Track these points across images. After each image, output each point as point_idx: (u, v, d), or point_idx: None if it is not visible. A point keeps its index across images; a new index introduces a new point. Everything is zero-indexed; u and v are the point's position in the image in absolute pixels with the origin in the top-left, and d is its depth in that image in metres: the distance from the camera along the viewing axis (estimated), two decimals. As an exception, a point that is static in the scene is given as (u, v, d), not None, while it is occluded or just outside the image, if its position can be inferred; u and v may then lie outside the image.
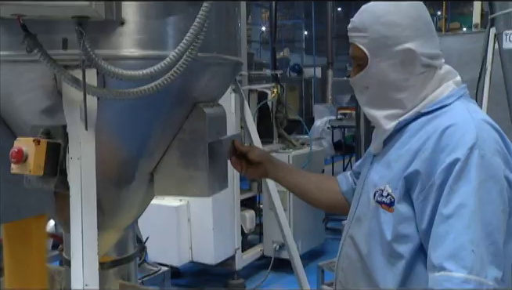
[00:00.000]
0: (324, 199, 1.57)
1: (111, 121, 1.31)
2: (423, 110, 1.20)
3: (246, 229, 4.64)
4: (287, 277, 4.62)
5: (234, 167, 1.67)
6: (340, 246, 1.34)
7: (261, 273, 4.75)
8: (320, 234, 5.21)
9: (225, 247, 4.28)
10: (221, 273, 4.63)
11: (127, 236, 1.65)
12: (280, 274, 4.69)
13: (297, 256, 2.21)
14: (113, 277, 1.58)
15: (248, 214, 4.69)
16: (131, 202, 1.56)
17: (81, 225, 1.09)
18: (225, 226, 4.26)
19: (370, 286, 1.20)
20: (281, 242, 4.56)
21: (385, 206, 1.17)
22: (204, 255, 4.01)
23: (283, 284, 4.56)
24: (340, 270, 1.31)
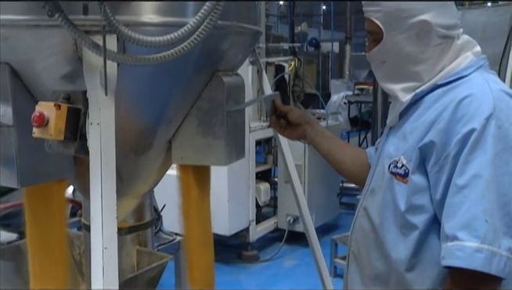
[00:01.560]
0: (355, 171, 1.57)
1: (130, 89, 1.31)
2: (440, 81, 1.18)
3: (260, 201, 4.67)
4: (300, 249, 4.67)
5: (273, 127, 1.68)
6: (354, 218, 1.34)
7: (274, 245, 4.80)
8: (334, 208, 5.23)
9: (239, 219, 4.32)
10: (235, 245, 4.68)
11: (144, 203, 1.67)
12: (293, 247, 4.74)
13: (311, 229, 2.21)
14: (130, 242, 1.61)
15: (263, 187, 4.71)
16: (149, 170, 1.57)
17: (100, 189, 1.10)
18: (240, 198, 4.29)
19: (382, 257, 1.21)
20: (295, 215, 4.60)
21: (399, 177, 1.17)
22: (219, 227, 4.05)
23: (296, 256, 4.61)
24: (353, 240, 1.32)
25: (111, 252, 1.11)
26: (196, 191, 1.58)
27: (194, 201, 1.59)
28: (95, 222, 1.11)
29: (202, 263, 1.69)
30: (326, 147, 1.60)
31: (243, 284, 4.09)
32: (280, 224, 4.81)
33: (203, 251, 1.68)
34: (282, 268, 4.41)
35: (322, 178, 4.86)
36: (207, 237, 1.68)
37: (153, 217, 1.75)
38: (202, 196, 1.61)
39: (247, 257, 4.52)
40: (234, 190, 4.20)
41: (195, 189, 1.58)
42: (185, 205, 1.61)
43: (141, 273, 1.47)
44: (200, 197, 1.61)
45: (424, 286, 1.15)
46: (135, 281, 1.45)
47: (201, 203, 1.62)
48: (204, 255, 1.69)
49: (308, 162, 4.65)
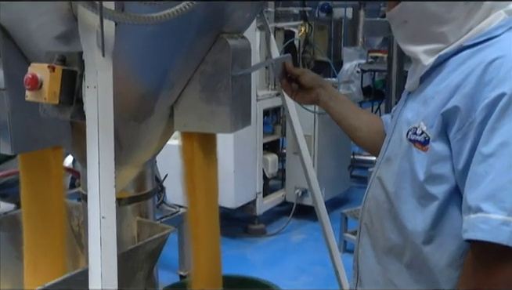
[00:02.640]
0: (369, 139, 1.54)
1: (130, 50, 1.29)
2: (467, 42, 1.13)
3: (268, 173, 4.67)
4: (309, 223, 4.69)
5: (284, 90, 1.65)
6: (367, 188, 1.32)
7: (282, 219, 4.82)
8: (345, 182, 5.23)
9: (246, 191, 4.33)
10: (242, 218, 4.71)
11: (145, 173, 1.66)
12: (302, 221, 4.76)
13: (321, 202, 2.21)
14: (130, 213, 1.61)
15: (271, 158, 4.70)
16: (150, 137, 1.56)
17: (97, 155, 1.09)
18: (246, 170, 4.29)
19: (397, 228, 1.19)
20: (303, 188, 4.60)
21: (419, 145, 1.14)
22: (224, 199, 4.06)
23: (304, 230, 4.63)
24: (365, 212, 1.30)
25: (109, 222, 1.10)
26: (200, 160, 1.56)
27: (199, 170, 1.58)
28: (92, 190, 1.10)
29: (207, 237, 1.69)
30: (339, 112, 1.57)
31: (249, 258, 4.12)
32: (288, 197, 4.82)
33: (209, 224, 1.67)
34: (289, 242, 4.44)
35: (332, 149, 4.84)
36: (212, 210, 1.68)
37: (155, 187, 1.74)
38: (207, 165, 1.60)
39: (254, 231, 4.55)
40: (240, 161, 4.19)
41: (199, 158, 1.56)
42: (189, 175, 1.60)
43: (141, 245, 1.47)
44: (206, 166, 1.59)
45: (442, 260, 1.13)
46: (135, 253, 1.45)
47: (207, 173, 1.61)
48: (209, 228, 1.68)
49: (317, 133, 4.63)
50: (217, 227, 1.69)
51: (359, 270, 1.32)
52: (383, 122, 1.53)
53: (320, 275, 3.74)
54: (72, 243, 1.81)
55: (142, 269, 1.53)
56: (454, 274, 1.12)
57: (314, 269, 3.86)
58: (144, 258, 1.50)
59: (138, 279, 1.53)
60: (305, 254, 4.16)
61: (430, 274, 1.15)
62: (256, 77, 4.29)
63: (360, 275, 1.31)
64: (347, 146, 5.16)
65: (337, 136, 4.66)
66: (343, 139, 4.83)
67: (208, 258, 1.72)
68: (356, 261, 1.33)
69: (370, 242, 1.28)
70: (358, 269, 1.32)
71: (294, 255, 4.18)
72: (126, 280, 1.46)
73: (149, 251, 1.51)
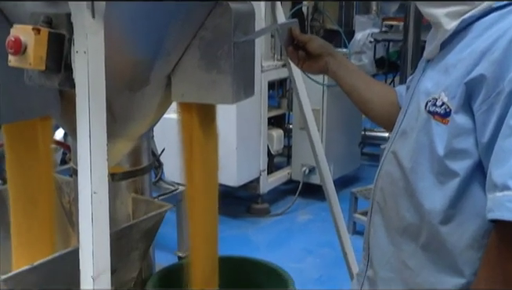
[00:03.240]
0: (382, 111, 1.52)
1: (122, 13, 1.27)
2: (496, 3, 1.10)
3: (273, 150, 4.66)
4: (316, 203, 4.69)
5: (290, 58, 1.63)
6: (380, 164, 1.30)
7: (287, 198, 4.83)
8: (355, 159, 5.21)
9: (249, 168, 4.33)
10: (244, 197, 4.71)
11: (140, 147, 1.66)
12: (308, 200, 4.76)
13: (329, 181, 2.20)
14: (125, 190, 1.61)
15: (276, 133, 4.69)
16: (146, 108, 1.55)
17: (88, 125, 1.07)
18: (249, 146, 4.28)
19: (413, 207, 1.17)
20: (311, 166, 4.59)
21: (438, 117, 1.12)
22: (226, 177, 4.06)
23: (311, 210, 4.64)
24: (378, 189, 1.28)
25: (101, 198, 1.09)
26: (199, 134, 1.55)
27: (197, 145, 1.57)
28: (82, 163, 1.09)
29: (204, 216, 1.69)
30: (350, 83, 1.54)
31: (251, 239, 4.13)
32: (294, 175, 4.82)
33: (206, 202, 1.67)
34: (295, 223, 4.45)
35: (342, 125, 4.82)
36: (211, 187, 1.67)
37: (151, 162, 1.74)
38: (207, 140, 1.59)
39: (257, 210, 4.56)
40: (243, 136, 4.18)
41: (198, 131, 1.55)
42: (187, 150, 1.59)
43: (136, 223, 1.47)
44: (205, 141, 1.58)
45: (462, 241, 1.12)
46: (129, 232, 1.45)
47: (206, 148, 1.60)
48: (207, 207, 1.68)
49: (326, 107, 4.59)
50: (215, 206, 1.69)
51: (370, 251, 1.31)
52: (397, 94, 1.50)
53: (327, 257, 3.75)
54: (63, 221, 1.81)
55: (137, 248, 1.53)
56: (475, 256, 1.11)
57: (321, 251, 3.87)
58: (139, 237, 1.50)
59: (133, 259, 1.54)
60: (312, 235, 4.17)
61: (449, 256, 1.14)
62: (260, 46, 4.24)
63: (371, 257, 1.30)
64: (357, 121, 5.14)
65: (347, 110, 4.63)
66: (353, 114, 4.80)
67: (205, 238, 1.72)
68: (367, 242, 1.32)
69: (383, 222, 1.26)
70: (369, 250, 1.31)
71: (300, 236, 4.19)
72: (120, 260, 1.47)
73: (144, 229, 1.50)
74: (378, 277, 1.27)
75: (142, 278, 1.69)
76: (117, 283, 1.51)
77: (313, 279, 3.49)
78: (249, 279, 1.91)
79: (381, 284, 1.26)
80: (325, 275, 3.54)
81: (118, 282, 1.52)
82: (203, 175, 1.62)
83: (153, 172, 3.18)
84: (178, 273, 1.76)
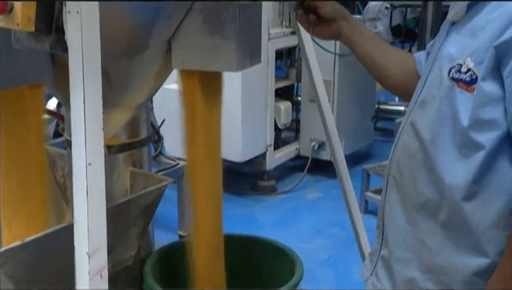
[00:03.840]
0: (398, 79, 1.50)
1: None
2: None
3: (280, 123, 4.64)
4: (325, 180, 4.70)
5: (300, 23, 1.61)
6: (397, 136, 1.29)
7: (295, 175, 4.83)
8: (368, 134, 5.20)
9: (255, 143, 4.32)
10: (250, 173, 4.72)
11: (139, 117, 1.66)
12: (317, 177, 4.77)
13: (340, 157, 2.20)
14: (122, 163, 1.61)
15: (283, 106, 4.67)
16: (144, 76, 1.53)
17: (82, 92, 1.06)
18: (255, 119, 4.27)
19: (432, 182, 1.16)
20: (320, 140, 4.59)
21: (463, 84, 1.10)
22: (230, 152, 4.05)
23: (320, 188, 4.64)
24: (394, 163, 1.27)
25: (97, 170, 1.08)
26: (202, 104, 1.54)
27: (200, 116, 1.56)
28: (76, 133, 1.09)
29: (208, 192, 1.69)
30: (364, 49, 1.52)
31: (257, 218, 4.15)
32: (303, 150, 4.82)
33: (210, 178, 1.66)
34: (303, 201, 4.46)
35: (354, 97, 4.80)
36: (214, 163, 1.67)
37: (150, 134, 1.73)
38: (210, 111, 1.58)
39: (263, 188, 4.57)
40: (249, 108, 4.17)
41: (201, 101, 1.53)
42: (188, 122, 1.58)
43: (135, 198, 1.47)
44: (208, 112, 1.57)
45: (486, 218, 1.11)
46: (127, 207, 1.45)
47: (209, 120, 1.59)
48: (210, 183, 1.68)
49: (338, 77, 4.56)
50: (219, 182, 1.69)
51: (385, 229, 1.30)
52: (415, 61, 1.48)
53: (337, 237, 3.77)
54: (56, 197, 1.81)
55: (135, 225, 1.53)
56: (500, 235, 1.11)
57: (330, 230, 3.89)
58: (137, 213, 1.50)
59: (131, 236, 1.54)
60: (321, 214, 4.19)
61: (471, 235, 1.13)
62: (268, 12, 4.20)
63: (386, 235, 1.30)
64: (371, 93, 5.11)
65: (360, 82, 4.60)
66: (367, 86, 4.77)
67: (209, 216, 1.72)
68: (381, 219, 1.31)
69: (399, 198, 1.25)
70: (383, 228, 1.31)
71: (308, 215, 4.20)
72: (117, 238, 1.47)
73: (143, 205, 1.50)
74: (393, 256, 1.27)
75: (141, 257, 1.69)
76: (114, 261, 1.52)
77: (322, 260, 3.51)
78: (254, 259, 1.91)
79: (396, 265, 1.26)
80: (334, 256, 3.56)
81: (115, 261, 1.53)
82: (206, 150, 1.62)
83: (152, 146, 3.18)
84: (179, 252, 1.76)
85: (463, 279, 1.16)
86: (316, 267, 3.34)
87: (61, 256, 1.28)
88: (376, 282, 1.34)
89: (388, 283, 1.29)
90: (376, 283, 1.33)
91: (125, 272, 1.61)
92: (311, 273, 3.19)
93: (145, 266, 1.67)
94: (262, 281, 1.87)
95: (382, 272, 1.32)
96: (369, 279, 1.38)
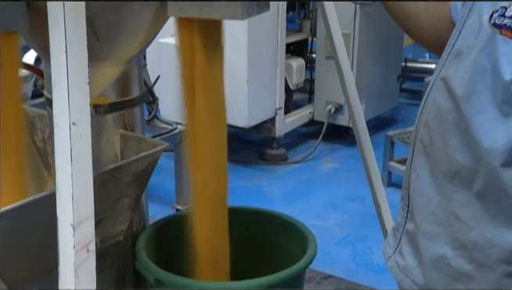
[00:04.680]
0: (429, 27, 1.49)
1: None
2: None
3: (291, 83, 4.63)
4: (343, 149, 4.71)
5: None
6: (426, 94, 1.28)
7: (308, 142, 4.85)
8: (392, 96, 5.20)
9: (262, 106, 4.32)
10: (257, 141, 4.75)
11: (130, 73, 1.65)
12: (334, 145, 4.79)
13: (361, 122, 2.20)
14: (111, 125, 1.60)
15: (296, 63, 4.65)
16: (136, 25, 1.52)
17: (64, 41, 1.05)
18: (263, 79, 4.27)
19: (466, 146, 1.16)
20: (337, 103, 4.60)
21: (507, 31, 1.08)
22: (235, 116, 4.06)
23: (336, 157, 4.66)
24: (422, 125, 1.27)
25: (82, 130, 1.08)
26: (202, 60, 1.53)
27: (200, 73, 1.55)
28: (58, 89, 1.08)
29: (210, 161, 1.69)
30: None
31: (265, 191, 4.18)
32: (317, 115, 4.82)
33: (212, 144, 1.66)
34: (317, 172, 4.48)
35: (377, 53, 4.77)
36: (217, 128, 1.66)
37: (143, 93, 1.73)
38: (211, 68, 1.57)
39: (272, 157, 4.59)
40: (256, 66, 4.15)
41: (201, 56, 1.52)
42: (186, 80, 1.57)
43: (126, 165, 1.46)
44: (209, 68, 1.56)
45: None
46: (117, 174, 1.45)
47: (210, 78, 1.58)
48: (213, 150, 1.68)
49: (358, 30, 4.52)
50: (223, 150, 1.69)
51: (411, 200, 1.30)
52: (450, 6, 1.46)
53: (356, 214, 3.79)
54: (36, 163, 1.82)
55: (126, 195, 1.53)
56: None
57: (348, 206, 3.91)
58: (129, 181, 1.50)
59: (122, 207, 1.55)
60: (337, 187, 4.21)
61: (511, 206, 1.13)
62: (278, -47, 4.16)
63: (411, 207, 1.30)
64: (397, 49, 5.08)
65: (384, 35, 4.57)
66: (392, 39, 4.74)
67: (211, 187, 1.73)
68: (407, 189, 1.31)
69: (427, 164, 1.25)
70: (409, 199, 1.31)
71: (323, 188, 4.22)
72: (106, 209, 1.48)
73: (135, 172, 1.50)
74: (420, 231, 1.27)
75: (133, 232, 1.70)
76: (103, 236, 1.52)
77: (338, 239, 3.54)
78: (261, 235, 1.93)
79: (423, 240, 1.26)
80: (352, 234, 3.59)
81: (104, 235, 1.54)
82: (208, 112, 1.61)
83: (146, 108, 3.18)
84: (177, 227, 1.77)
85: (501, 256, 1.16)
86: (331, 247, 3.38)
87: (42, 229, 1.29)
88: (399, 260, 1.34)
89: (414, 261, 1.30)
90: (400, 261, 1.34)
91: (115, 248, 1.62)
92: (326, 254, 3.24)
93: (138, 242, 1.68)
94: (270, 260, 1.89)
95: (407, 248, 1.32)
96: (391, 257, 1.38)
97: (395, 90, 5.24)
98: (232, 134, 4.56)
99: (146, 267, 1.60)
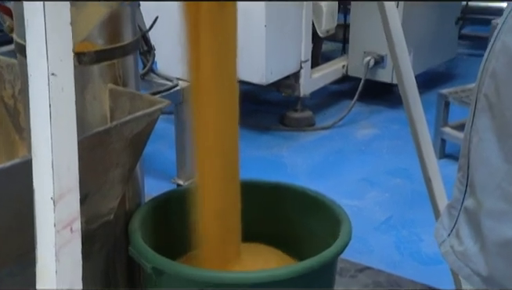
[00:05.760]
0: None
1: None
2: None
3: (320, 30, 4.62)
4: (384, 111, 4.71)
5: None
6: (493, 37, 1.27)
7: (341, 103, 4.87)
8: (449, 45, 5.19)
9: (284, 58, 4.32)
10: (277, 101, 4.76)
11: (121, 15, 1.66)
12: (373, 107, 4.80)
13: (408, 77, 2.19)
14: (98, 78, 1.62)
15: (326, 6, 4.62)
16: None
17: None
18: (285, 24, 4.26)
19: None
20: (378, 54, 4.58)
21: None
22: (249, 70, 4.06)
23: (376, 122, 4.66)
24: (487, 75, 1.26)
25: (63, 83, 1.09)
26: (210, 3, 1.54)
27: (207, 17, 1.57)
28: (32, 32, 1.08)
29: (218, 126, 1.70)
30: None
31: (286, 163, 4.18)
32: (352, 69, 4.82)
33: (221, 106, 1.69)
34: (352, 140, 4.48)
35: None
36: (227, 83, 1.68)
37: (137, 39, 1.73)
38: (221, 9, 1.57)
39: (296, 121, 4.60)
40: (276, 8, 4.14)
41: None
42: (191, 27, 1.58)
43: (117, 127, 1.47)
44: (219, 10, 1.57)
45: None
46: (106, 139, 1.46)
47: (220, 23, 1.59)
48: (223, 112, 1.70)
49: (405, -38, 4.49)
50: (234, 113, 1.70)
51: (471, 171, 1.30)
52: None
53: (400, 191, 3.80)
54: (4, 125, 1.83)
55: (117, 165, 1.55)
56: None
57: (390, 182, 3.91)
58: (121, 147, 1.52)
59: (113, 180, 1.56)
60: (377, 158, 4.21)
61: None
62: None
63: (472, 180, 1.30)
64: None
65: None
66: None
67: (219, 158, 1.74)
68: (466, 157, 1.31)
69: (493, 125, 1.24)
70: (468, 170, 1.31)
71: (359, 160, 4.22)
72: (92, 182, 1.49)
73: (128, 137, 1.51)
74: (483, 209, 1.27)
75: (126, 210, 1.72)
76: (90, 214, 1.54)
77: (378, 222, 3.55)
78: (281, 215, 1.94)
79: (487, 220, 1.26)
80: (395, 216, 3.59)
81: (91, 213, 1.55)
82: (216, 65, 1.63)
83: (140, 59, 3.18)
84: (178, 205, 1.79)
85: None
86: (369, 232, 3.38)
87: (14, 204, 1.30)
88: (456, 245, 1.34)
89: (474, 245, 1.30)
90: (457, 246, 1.34)
91: (104, 230, 1.64)
92: (362, 240, 3.25)
93: (131, 223, 1.70)
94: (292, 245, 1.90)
95: (465, 230, 1.32)
96: (446, 241, 1.38)
97: (453, 37, 5.20)
98: (246, 93, 4.55)
99: (142, 253, 1.62)
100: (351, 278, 2.66)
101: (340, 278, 2.58)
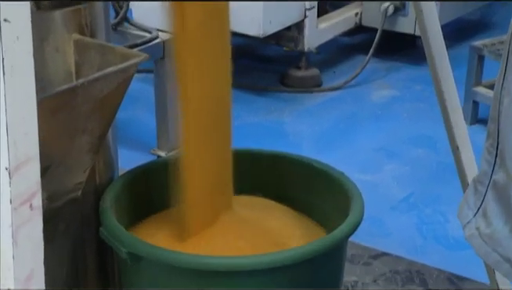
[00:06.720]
0: None
1: None
2: None
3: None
4: (404, 68, 4.72)
5: None
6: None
7: (353, 59, 4.88)
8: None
9: (285, 6, 4.30)
10: (277, 57, 4.76)
11: None
12: (390, 64, 4.80)
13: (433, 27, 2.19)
14: (61, 26, 1.62)
15: None
16: None
17: None
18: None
19: None
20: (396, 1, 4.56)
21: None
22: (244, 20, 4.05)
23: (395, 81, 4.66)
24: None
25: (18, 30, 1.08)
26: None
27: None
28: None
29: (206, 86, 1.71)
30: None
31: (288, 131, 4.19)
32: (367, 18, 4.82)
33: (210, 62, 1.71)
34: (366, 103, 4.50)
35: None
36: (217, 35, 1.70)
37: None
38: None
39: (300, 81, 4.60)
40: None
41: None
42: None
43: (83, 85, 1.47)
44: None
45: None
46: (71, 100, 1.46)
47: None
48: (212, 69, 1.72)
49: None
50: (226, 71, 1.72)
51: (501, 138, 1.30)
52: None
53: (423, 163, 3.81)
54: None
55: (85, 131, 1.55)
56: None
57: (412, 152, 3.93)
58: (89, 110, 1.52)
59: (80, 149, 1.57)
60: (396, 124, 4.22)
61: None
62: None
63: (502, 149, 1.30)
64: None
65: None
66: None
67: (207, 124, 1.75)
68: (496, 121, 1.31)
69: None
70: (498, 138, 1.31)
71: (375, 126, 4.24)
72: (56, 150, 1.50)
73: (98, 97, 1.52)
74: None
75: (96, 185, 1.73)
76: (53, 189, 1.54)
77: (396, 200, 3.56)
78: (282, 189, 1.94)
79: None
80: (417, 193, 3.61)
81: (54, 188, 1.56)
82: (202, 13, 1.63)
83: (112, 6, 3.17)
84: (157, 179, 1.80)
85: None
86: (386, 212, 3.40)
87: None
88: (483, 226, 1.33)
89: (504, 226, 1.29)
90: (484, 227, 1.33)
91: (70, 208, 1.65)
92: (378, 221, 3.26)
93: (102, 200, 1.71)
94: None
95: (494, 209, 1.31)
96: (471, 221, 1.37)
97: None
98: (241, 47, 4.56)
99: (115, 235, 1.63)
100: (364, 266, 2.67)
101: (351, 266, 2.60)
